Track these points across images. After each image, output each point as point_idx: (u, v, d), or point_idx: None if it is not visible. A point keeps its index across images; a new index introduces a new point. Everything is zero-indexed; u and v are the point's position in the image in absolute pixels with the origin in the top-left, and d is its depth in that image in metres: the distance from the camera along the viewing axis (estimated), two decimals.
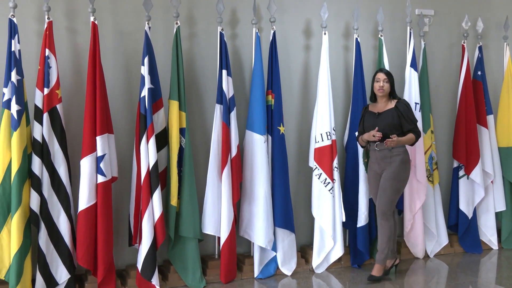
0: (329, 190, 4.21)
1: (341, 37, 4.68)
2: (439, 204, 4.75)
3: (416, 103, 4.54)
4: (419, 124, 4.43)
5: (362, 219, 4.34)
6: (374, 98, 4.08)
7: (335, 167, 4.24)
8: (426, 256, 4.70)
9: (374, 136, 3.86)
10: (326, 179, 4.20)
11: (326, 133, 4.22)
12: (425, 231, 4.65)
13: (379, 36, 4.58)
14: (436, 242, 4.72)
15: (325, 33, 4.31)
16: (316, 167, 4.23)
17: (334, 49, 4.53)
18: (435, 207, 4.69)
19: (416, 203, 4.52)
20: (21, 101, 3.49)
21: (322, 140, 4.21)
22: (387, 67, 4.50)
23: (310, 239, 4.44)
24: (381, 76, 3.99)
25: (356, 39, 4.48)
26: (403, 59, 4.73)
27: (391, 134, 3.84)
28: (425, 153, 4.62)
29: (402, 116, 3.91)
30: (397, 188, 3.93)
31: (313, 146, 4.27)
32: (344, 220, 4.28)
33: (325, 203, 4.21)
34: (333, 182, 4.23)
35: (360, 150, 4.37)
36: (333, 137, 4.24)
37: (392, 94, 4.03)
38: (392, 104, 3.97)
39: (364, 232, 4.35)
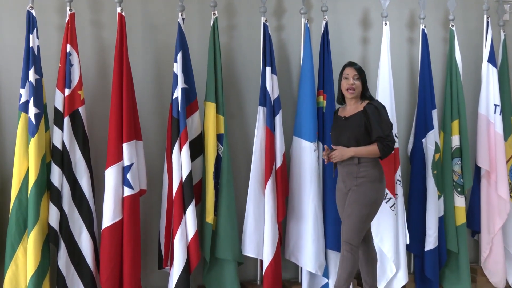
0: (390, 207, 4.08)
1: (404, 28, 4.58)
2: None
3: (495, 105, 4.41)
4: (498, 129, 4.29)
5: (430, 242, 4.22)
6: (342, 99, 3.67)
7: (398, 180, 4.13)
8: (508, 287, 4.51)
9: (324, 157, 3.54)
10: (387, 194, 4.04)
11: None
12: (506, 256, 4.47)
13: (450, 26, 4.44)
14: None
15: (385, 24, 4.22)
16: None
17: (396, 42, 4.45)
18: None
19: (495, 223, 4.37)
20: (40, 104, 3.50)
21: None
22: (459, 62, 4.40)
23: None
24: (350, 71, 3.55)
25: (423, 30, 4.35)
26: (479, 53, 4.58)
27: (354, 145, 3.45)
28: (506, 163, 4.44)
29: (369, 122, 3.45)
30: (364, 214, 3.45)
31: None
32: (408, 242, 4.17)
33: (386, 222, 4.09)
34: (396, 198, 4.11)
35: (429, 160, 4.22)
36: (396, 145, 4.09)
37: (364, 94, 3.58)
38: (361, 107, 3.53)
39: (433, 257, 4.22)
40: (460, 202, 4.34)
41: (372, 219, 3.55)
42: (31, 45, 3.47)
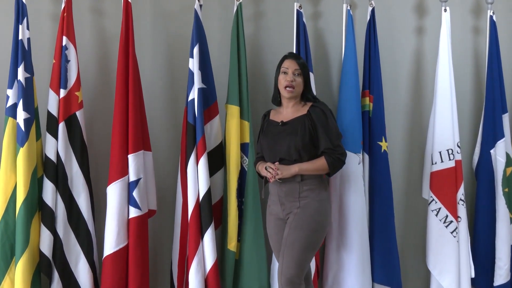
0: (451, 232, 3.95)
1: (469, 15, 4.42)
2: None
3: None
4: None
5: (501, 275, 4.10)
6: (278, 99, 3.45)
7: (461, 199, 4.00)
8: None
9: (267, 169, 3.22)
10: (447, 216, 3.95)
11: (448, 151, 3.98)
12: None
13: None
14: None
15: (445, 10, 4.06)
16: (433, 199, 3.98)
17: (458, 32, 4.32)
18: None
19: None
20: (31, 107, 3.49)
21: (442, 161, 3.98)
22: None
23: None
24: (290, 65, 3.31)
25: (491, 17, 4.19)
26: None
27: (296, 157, 3.21)
28: None
29: (315, 129, 3.24)
30: (310, 242, 3.19)
31: (428, 169, 4.05)
32: (474, 275, 4.03)
33: (447, 251, 3.97)
34: (458, 221, 3.98)
35: (499, 175, 4.06)
36: (458, 157, 3.99)
37: (305, 95, 3.37)
38: (304, 110, 3.32)
39: None
40: None
41: (317, 249, 3.26)
42: (20, 37, 3.46)
